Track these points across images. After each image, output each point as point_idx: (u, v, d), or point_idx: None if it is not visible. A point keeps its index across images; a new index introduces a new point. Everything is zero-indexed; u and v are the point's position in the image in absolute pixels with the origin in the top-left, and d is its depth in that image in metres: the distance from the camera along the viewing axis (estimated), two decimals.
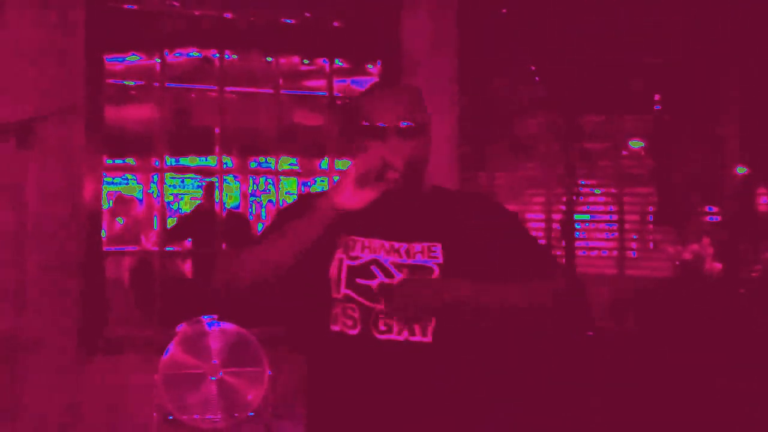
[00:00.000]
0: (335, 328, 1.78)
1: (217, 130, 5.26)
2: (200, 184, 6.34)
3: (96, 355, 4.76)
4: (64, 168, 4.50)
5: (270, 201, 8.20)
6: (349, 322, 1.77)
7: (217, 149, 5.29)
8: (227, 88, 5.20)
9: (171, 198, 8.10)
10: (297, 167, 6.34)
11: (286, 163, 5.83)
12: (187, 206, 8.09)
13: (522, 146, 4.83)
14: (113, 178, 7.11)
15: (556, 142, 4.68)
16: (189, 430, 4.76)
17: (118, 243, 6.57)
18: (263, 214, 8.26)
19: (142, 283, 5.48)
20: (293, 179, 6.41)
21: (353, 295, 1.77)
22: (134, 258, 6.06)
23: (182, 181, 8.17)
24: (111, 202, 6.82)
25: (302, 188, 5.98)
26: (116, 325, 5.18)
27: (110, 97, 5.00)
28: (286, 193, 7.95)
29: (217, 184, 6.04)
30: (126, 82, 5.22)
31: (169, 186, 7.99)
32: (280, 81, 5.23)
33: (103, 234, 5.13)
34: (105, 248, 5.16)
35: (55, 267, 4.48)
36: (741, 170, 4.23)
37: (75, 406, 4.53)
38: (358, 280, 1.78)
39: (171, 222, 8.05)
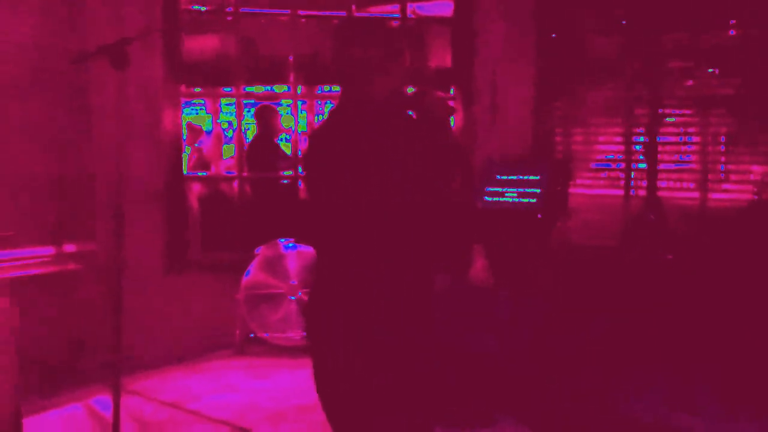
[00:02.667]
0: None
1: (291, 58, 5.28)
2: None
3: (181, 276, 4.97)
4: (145, 95, 4.65)
5: None
6: None
7: (292, 77, 5.32)
8: (300, 12, 5.20)
9: (226, 125, 8.19)
10: None
11: None
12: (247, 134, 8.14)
13: (601, 67, 4.67)
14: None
15: (636, 61, 4.50)
16: (270, 347, 5.00)
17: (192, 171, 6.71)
18: None
19: (220, 209, 5.65)
20: None
21: None
22: (209, 185, 6.21)
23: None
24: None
25: None
26: (198, 248, 5.38)
27: (185, 24, 5.06)
28: None
29: (285, 111, 6.09)
30: (199, 7, 5.24)
31: (225, 114, 8.10)
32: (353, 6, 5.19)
33: (185, 162, 5.29)
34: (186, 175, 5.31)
35: (142, 192, 4.66)
36: None
37: (163, 322, 4.74)
38: None
39: (230, 149, 8.17)
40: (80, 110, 4.49)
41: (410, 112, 2.30)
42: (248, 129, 8.15)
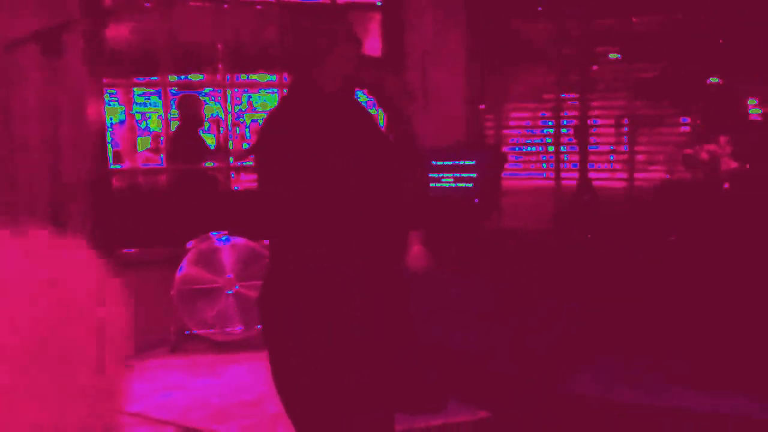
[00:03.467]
0: None
1: (219, 46, 5.16)
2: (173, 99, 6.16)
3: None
4: (68, 86, 4.43)
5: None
6: None
7: (221, 66, 5.20)
8: None
9: (139, 116, 7.97)
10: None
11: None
12: (154, 124, 7.97)
13: (533, 52, 4.77)
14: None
15: (568, 47, 4.61)
16: (207, 344, 4.89)
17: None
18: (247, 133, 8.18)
19: (147, 203, 5.47)
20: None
21: None
22: (131, 178, 6.00)
23: (147, 98, 7.99)
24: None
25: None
26: (127, 243, 5.19)
27: (107, 11, 4.86)
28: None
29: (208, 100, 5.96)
30: None
31: (138, 104, 7.86)
32: None
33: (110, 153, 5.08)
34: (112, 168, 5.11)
35: (66, 186, 4.45)
36: None
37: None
38: None
39: (144, 141, 7.95)
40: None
41: (367, 99, 2.28)
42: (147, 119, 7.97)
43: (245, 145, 8.14)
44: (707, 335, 3.61)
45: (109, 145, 5.02)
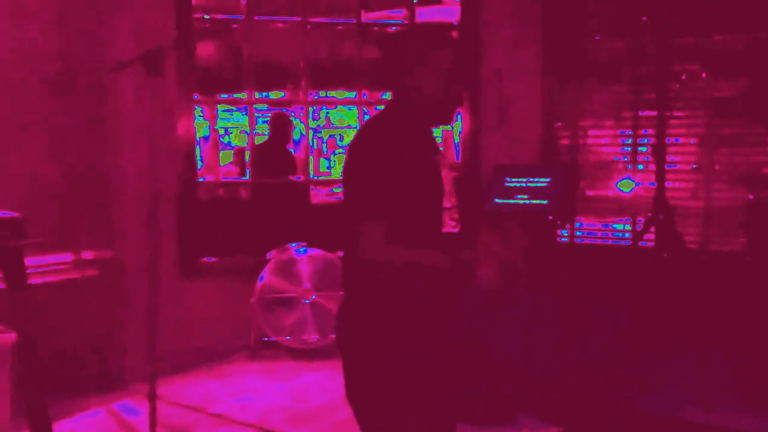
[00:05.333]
0: None
1: (301, 64, 5.35)
2: (265, 118, 6.39)
3: (195, 281, 5.01)
4: (160, 103, 4.69)
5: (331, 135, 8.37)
6: None
7: (303, 83, 5.38)
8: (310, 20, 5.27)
9: (222, 131, 8.29)
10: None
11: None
12: (236, 140, 8.30)
13: (610, 68, 4.78)
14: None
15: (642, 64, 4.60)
16: (284, 351, 5.06)
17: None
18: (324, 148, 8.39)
19: (232, 214, 5.71)
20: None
21: None
22: (220, 190, 6.26)
23: (230, 114, 8.32)
24: None
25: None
26: (211, 253, 5.42)
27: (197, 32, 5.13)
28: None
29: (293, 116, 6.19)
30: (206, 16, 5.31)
31: (221, 120, 8.17)
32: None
33: (199, 167, 5.33)
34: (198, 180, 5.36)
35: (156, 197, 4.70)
36: None
37: (179, 327, 4.78)
38: None
39: (226, 155, 8.26)
40: (97, 118, 4.54)
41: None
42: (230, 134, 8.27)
43: (324, 161, 8.37)
44: None
45: (198, 159, 5.27)
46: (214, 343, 5.00)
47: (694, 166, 4.65)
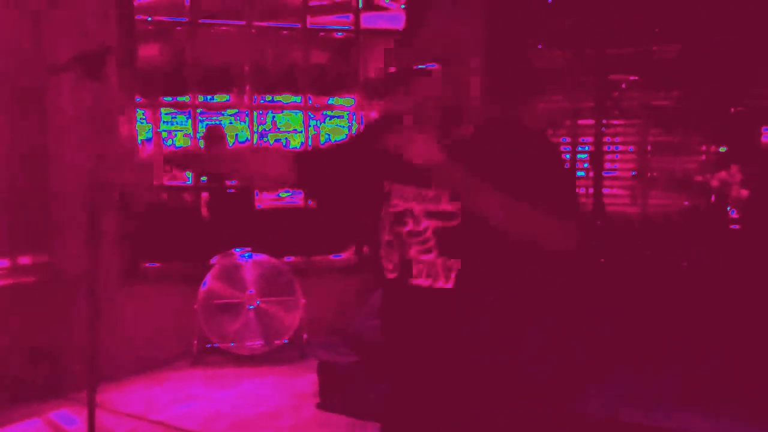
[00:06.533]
0: (385, 272, 1.91)
1: (246, 68, 5.33)
2: (209, 121, 6.32)
3: (137, 287, 4.94)
4: (100, 106, 4.62)
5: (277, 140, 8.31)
6: (390, 266, 1.89)
7: (248, 87, 5.36)
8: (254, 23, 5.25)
9: (165, 135, 8.17)
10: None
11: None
12: (180, 142, 8.18)
13: (549, 78, 4.88)
14: None
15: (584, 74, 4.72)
16: (228, 357, 5.02)
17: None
18: None
19: (174, 219, 5.63)
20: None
21: (393, 241, 1.87)
22: (164, 195, 6.16)
23: (173, 117, 8.22)
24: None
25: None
26: (153, 258, 5.35)
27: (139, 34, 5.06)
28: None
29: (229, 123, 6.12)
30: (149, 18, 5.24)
31: (164, 123, 8.05)
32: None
33: None
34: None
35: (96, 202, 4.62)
36: None
37: (120, 333, 4.70)
38: (396, 228, 1.86)
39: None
40: (37, 121, 4.44)
41: None
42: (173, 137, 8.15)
43: None
44: (715, 360, 3.68)
45: None
46: (157, 349, 4.93)
47: (633, 173, 4.79)
